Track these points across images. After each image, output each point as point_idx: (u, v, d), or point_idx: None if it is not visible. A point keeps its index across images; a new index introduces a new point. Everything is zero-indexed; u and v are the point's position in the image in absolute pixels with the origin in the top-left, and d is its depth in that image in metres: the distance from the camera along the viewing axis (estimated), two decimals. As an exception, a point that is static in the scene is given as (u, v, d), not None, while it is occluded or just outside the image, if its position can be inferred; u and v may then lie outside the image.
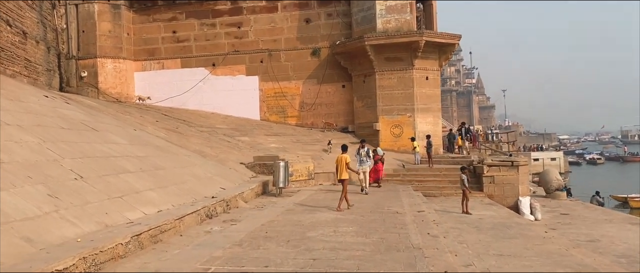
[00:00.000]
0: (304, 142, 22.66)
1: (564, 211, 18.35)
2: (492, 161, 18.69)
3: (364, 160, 15.01)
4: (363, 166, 14.92)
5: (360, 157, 14.99)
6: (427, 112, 23.36)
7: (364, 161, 15.01)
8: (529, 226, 11.87)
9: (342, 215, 10.47)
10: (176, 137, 17.82)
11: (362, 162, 14.98)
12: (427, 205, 14.09)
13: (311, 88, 25.48)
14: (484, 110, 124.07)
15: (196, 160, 14.43)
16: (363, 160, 14.99)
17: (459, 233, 10.77)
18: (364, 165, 14.97)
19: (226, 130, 22.02)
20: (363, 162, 14.98)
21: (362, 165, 14.91)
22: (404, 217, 10.43)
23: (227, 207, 10.96)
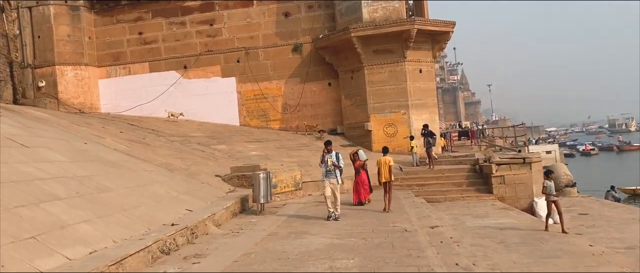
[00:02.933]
0: (289, 147, 20.40)
1: (582, 210, 16.35)
2: (500, 159, 16.60)
3: (331, 171, 10.44)
4: (330, 178, 10.45)
5: (326, 166, 10.46)
6: (423, 108, 21.26)
7: (331, 172, 10.44)
8: (567, 238, 9.74)
9: (338, 240, 8.23)
10: (140, 149, 15.45)
11: (329, 172, 10.45)
12: (437, 214, 12.00)
13: (294, 88, 23.24)
14: (470, 106, 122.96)
15: (159, 176, 12.09)
16: (330, 171, 10.43)
17: (485, 252, 8.60)
18: (331, 177, 10.46)
19: (201, 139, 19.67)
20: (330, 173, 10.46)
21: (328, 177, 10.47)
22: (417, 237, 8.23)
23: (193, 235, 8.65)
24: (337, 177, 10.41)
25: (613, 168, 47.46)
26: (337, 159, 10.47)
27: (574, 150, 64.70)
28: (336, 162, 10.41)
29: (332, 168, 10.35)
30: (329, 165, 10.37)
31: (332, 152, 10.52)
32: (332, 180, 10.39)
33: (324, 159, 10.43)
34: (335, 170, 10.37)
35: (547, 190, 10.42)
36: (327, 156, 10.45)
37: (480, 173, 16.95)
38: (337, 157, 10.49)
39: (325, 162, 10.42)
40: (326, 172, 10.44)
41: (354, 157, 12.85)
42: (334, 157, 10.44)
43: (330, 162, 10.37)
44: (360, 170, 12.63)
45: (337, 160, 10.45)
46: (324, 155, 10.52)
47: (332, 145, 10.72)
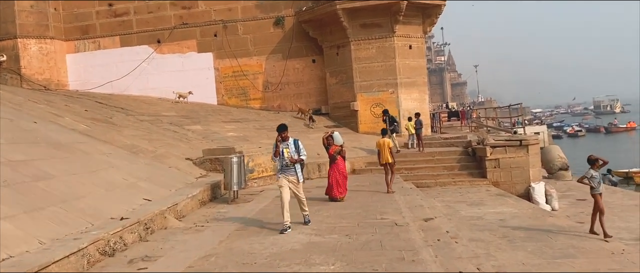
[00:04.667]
0: (270, 128, 19.01)
1: (579, 196, 15.38)
2: (495, 141, 15.48)
3: (287, 165, 7.68)
4: (288, 175, 7.70)
5: (282, 159, 7.66)
6: (412, 87, 20.01)
7: (289, 167, 7.68)
8: (577, 232, 8.63)
9: (318, 237, 7.00)
10: (103, 129, 14.01)
11: (286, 168, 7.69)
12: (429, 202, 10.85)
13: (276, 64, 21.79)
14: (456, 87, 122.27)
15: (118, 160, 10.72)
16: (287, 166, 7.68)
17: (487, 249, 7.46)
18: (289, 173, 7.70)
19: (174, 118, 18.24)
20: (287, 169, 7.69)
21: (285, 173, 7.69)
22: (409, 233, 7.03)
23: (147, 231, 7.36)
24: (297, 173, 7.67)
25: (602, 150, 46.91)
26: (297, 149, 7.66)
27: (561, 132, 64.17)
28: (296, 155, 7.62)
29: (289, 158, 7.58)
30: (285, 158, 7.58)
31: (289, 139, 7.69)
32: (291, 178, 7.66)
33: (278, 150, 7.59)
34: (296, 165, 7.68)
35: (592, 181, 8.20)
36: (282, 146, 7.60)
37: (473, 157, 15.86)
38: (296, 146, 7.67)
39: (281, 154, 7.59)
40: (282, 167, 7.65)
41: (327, 141, 10.51)
42: (292, 147, 7.62)
43: (287, 154, 7.58)
44: (336, 157, 10.42)
45: (296, 151, 7.64)
46: (277, 144, 7.60)
47: (287, 131, 7.68)
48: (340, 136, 10.79)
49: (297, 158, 7.62)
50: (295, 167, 7.66)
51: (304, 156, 7.76)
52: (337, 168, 10.25)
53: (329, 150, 10.49)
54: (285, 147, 7.61)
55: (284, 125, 7.74)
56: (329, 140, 10.49)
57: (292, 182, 7.70)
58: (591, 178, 8.20)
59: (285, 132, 7.64)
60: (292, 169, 7.66)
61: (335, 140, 10.58)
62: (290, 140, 7.70)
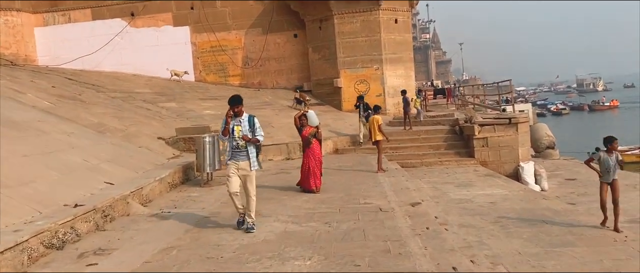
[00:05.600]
0: (250, 106, 18.19)
1: (568, 175, 15.01)
2: (483, 119, 14.91)
3: (237, 147, 6.11)
4: (238, 161, 6.13)
5: (232, 139, 6.11)
6: (398, 63, 19.31)
7: (240, 149, 6.11)
8: (574, 216, 8.10)
9: (295, 225, 6.34)
10: (69, 106, 13.12)
11: (238, 151, 6.12)
12: (415, 184, 10.27)
13: (256, 39, 20.87)
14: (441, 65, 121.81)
15: (81, 140, 9.90)
16: (239, 148, 6.11)
17: (479, 236, 6.89)
18: (240, 158, 6.12)
19: (148, 95, 17.33)
20: (239, 153, 6.12)
21: (236, 158, 6.13)
22: (395, 220, 6.41)
23: (105, 219, 6.63)
24: (250, 159, 6.09)
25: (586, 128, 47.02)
26: (252, 127, 6.07)
27: (545, 110, 64.19)
28: (249, 133, 6.05)
29: (243, 143, 6.05)
30: (236, 137, 6.04)
31: (243, 115, 6.12)
32: (242, 164, 6.08)
33: (228, 127, 6.05)
34: (248, 146, 6.09)
35: (602, 166, 7.16)
36: (234, 122, 6.07)
37: (460, 135, 15.30)
38: (251, 123, 6.09)
39: (231, 132, 6.05)
40: (232, 150, 6.13)
41: (301, 121, 8.82)
42: (246, 125, 6.06)
43: (239, 132, 6.04)
44: (310, 140, 8.73)
45: (251, 129, 6.06)
46: (227, 120, 6.03)
47: (241, 104, 6.09)
48: (315, 116, 9.08)
49: (252, 138, 6.06)
50: (247, 150, 6.05)
51: (260, 136, 6.13)
52: (312, 154, 8.63)
53: (302, 131, 8.81)
54: (237, 124, 6.05)
55: (238, 97, 6.10)
56: (302, 120, 8.79)
57: (243, 169, 6.09)
58: (604, 162, 7.12)
59: (239, 106, 6.04)
60: (244, 153, 6.07)
61: (310, 120, 8.85)
62: (244, 116, 6.10)
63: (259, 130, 6.16)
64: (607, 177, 7.20)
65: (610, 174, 7.18)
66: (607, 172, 7.17)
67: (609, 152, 7.16)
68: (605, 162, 7.13)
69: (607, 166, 7.13)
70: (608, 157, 7.14)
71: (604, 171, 7.17)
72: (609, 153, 7.15)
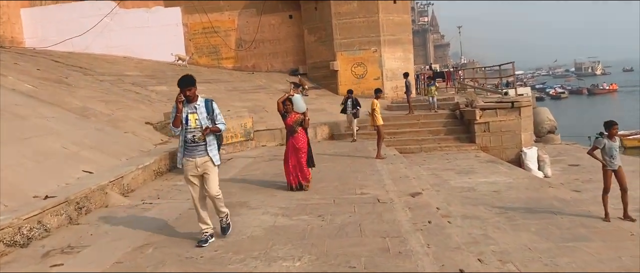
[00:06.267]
0: (243, 89, 17.72)
1: (571, 161, 14.55)
2: (485, 103, 14.39)
3: (193, 140, 4.87)
4: (196, 157, 4.88)
5: (186, 130, 4.84)
6: (396, 45, 18.71)
7: (197, 142, 4.87)
8: (585, 206, 7.60)
9: (285, 218, 5.84)
10: (53, 90, 12.55)
11: (194, 144, 4.87)
12: (414, 171, 9.81)
13: (250, 20, 20.22)
14: (439, 48, 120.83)
15: (61, 125, 9.36)
16: (195, 141, 4.87)
17: (484, 229, 6.41)
18: (197, 153, 4.88)
19: (137, 78, 16.73)
20: (192, 147, 4.89)
21: (192, 154, 4.88)
22: (394, 213, 5.92)
23: (80, 211, 6.11)
24: (209, 153, 4.89)
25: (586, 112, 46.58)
26: (210, 114, 4.91)
27: (543, 94, 63.66)
28: (208, 121, 4.88)
29: (200, 134, 4.83)
30: (191, 127, 4.82)
31: (198, 99, 4.89)
32: (200, 160, 4.87)
33: (180, 116, 4.79)
34: (207, 137, 4.87)
35: (606, 152, 6.76)
36: (187, 109, 4.83)
37: (460, 120, 14.79)
38: (209, 109, 4.90)
39: (184, 121, 4.81)
40: (185, 143, 4.89)
41: (285, 106, 7.46)
42: (203, 111, 4.87)
43: (195, 122, 4.82)
44: (295, 129, 7.45)
45: (209, 116, 4.89)
46: (178, 107, 4.76)
47: (195, 86, 4.83)
48: (302, 100, 8.04)
49: (212, 127, 4.85)
50: (206, 144, 4.84)
51: (221, 124, 4.93)
52: (296, 145, 7.41)
53: (286, 118, 7.47)
54: (192, 112, 4.81)
55: (190, 78, 4.77)
56: (286, 105, 7.47)
57: (203, 167, 4.86)
58: (607, 148, 6.73)
59: (192, 88, 4.75)
60: (202, 147, 4.83)
61: (296, 105, 7.80)
62: (199, 101, 4.86)
63: (220, 117, 4.96)
64: (612, 163, 6.79)
65: (614, 161, 6.79)
66: (612, 159, 6.78)
67: (610, 137, 6.79)
68: (610, 148, 6.76)
69: (611, 152, 6.77)
70: (611, 142, 6.78)
71: (608, 158, 6.78)
72: (611, 139, 6.79)
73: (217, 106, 5.01)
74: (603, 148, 6.79)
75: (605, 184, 6.91)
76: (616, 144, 6.80)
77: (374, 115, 10.77)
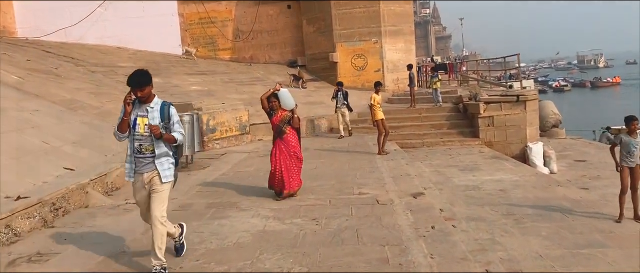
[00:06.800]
0: (239, 81, 17.24)
1: (577, 156, 14.11)
2: (489, 96, 13.92)
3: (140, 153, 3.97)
4: (144, 170, 3.99)
5: (135, 136, 3.95)
6: (398, 36, 18.19)
7: (140, 152, 3.97)
8: (597, 207, 7.16)
9: (277, 222, 5.40)
10: (41, 81, 12.08)
11: (139, 155, 3.97)
12: (416, 168, 9.37)
13: (247, 10, 19.69)
14: (441, 40, 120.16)
15: (45, 119, 8.91)
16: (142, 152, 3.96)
17: (490, 233, 5.95)
18: (145, 167, 3.98)
19: (130, 70, 15.85)
20: (140, 159, 3.98)
21: (139, 166, 4.00)
22: (394, 216, 5.48)
23: (57, 213, 5.68)
24: (157, 169, 3.97)
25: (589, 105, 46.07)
26: (165, 120, 3.99)
27: (546, 86, 63.02)
28: (161, 128, 3.92)
29: (148, 144, 3.95)
30: (139, 133, 3.94)
31: (153, 100, 4.03)
32: (147, 176, 3.99)
33: (127, 120, 3.93)
34: (157, 146, 3.95)
35: (624, 148, 6.33)
36: (137, 112, 3.97)
37: (464, 114, 14.34)
38: (164, 114, 3.99)
39: (132, 126, 3.96)
40: (132, 153, 4.01)
41: (270, 103, 6.47)
42: (156, 115, 3.96)
43: (144, 127, 3.92)
44: (283, 129, 6.46)
45: (164, 124, 3.98)
46: (126, 109, 3.91)
47: (150, 84, 3.97)
48: (290, 95, 6.61)
49: (166, 134, 3.90)
50: (155, 155, 3.92)
51: (178, 134, 3.97)
52: (284, 147, 6.44)
53: (272, 116, 6.51)
54: (142, 115, 3.91)
55: (143, 75, 3.90)
56: (272, 102, 6.45)
57: (150, 186, 3.97)
58: (621, 145, 6.35)
59: (145, 87, 3.88)
60: (150, 159, 3.93)
61: (283, 101, 6.49)
62: (154, 103, 3.97)
63: (178, 126, 3.98)
64: (630, 160, 6.36)
65: (633, 158, 6.35)
66: (630, 155, 6.35)
67: (631, 133, 6.36)
68: (627, 144, 6.33)
69: (629, 149, 6.34)
70: (631, 138, 6.34)
71: (626, 154, 6.36)
72: (631, 135, 6.36)
73: (175, 112, 4.02)
74: (621, 144, 6.40)
75: (623, 184, 6.46)
76: (636, 140, 6.32)
77: (372, 110, 10.31)
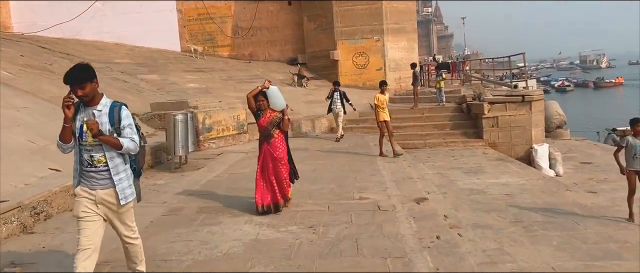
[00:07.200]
0: (238, 79, 16.90)
1: (583, 158, 13.76)
2: (493, 96, 13.57)
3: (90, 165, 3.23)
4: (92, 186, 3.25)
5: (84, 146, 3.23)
6: (400, 34, 17.85)
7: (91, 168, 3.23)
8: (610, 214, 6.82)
9: (271, 230, 5.06)
10: (32, 78, 11.77)
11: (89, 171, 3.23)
12: (418, 171, 9.02)
13: (247, 7, 19.35)
14: (443, 39, 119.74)
15: (33, 117, 8.58)
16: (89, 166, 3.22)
17: (498, 242, 5.61)
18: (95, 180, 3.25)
19: (127, 66, 15.92)
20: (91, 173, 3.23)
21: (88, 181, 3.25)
22: (396, 224, 5.14)
23: (38, 217, 5.36)
24: (115, 187, 3.26)
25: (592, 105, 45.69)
26: (115, 123, 3.23)
27: (548, 86, 62.57)
28: (114, 132, 3.22)
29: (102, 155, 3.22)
30: (86, 142, 3.19)
31: (101, 102, 3.25)
32: (103, 193, 3.26)
33: (69, 126, 3.17)
34: (109, 156, 3.22)
35: (630, 151, 6.20)
36: (82, 115, 3.22)
37: (467, 114, 14.00)
38: (113, 117, 3.23)
39: (77, 134, 3.22)
40: (80, 164, 3.29)
41: (258, 102, 5.66)
42: (105, 120, 3.21)
43: (91, 128, 3.10)
44: (271, 132, 5.68)
45: (114, 128, 3.23)
46: (66, 113, 3.14)
47: (94, 80, 3.19)
48: (280, 93, 5.77)
49: (107, 137, 3.16)
50: (109, 169, 3.23)
51: (128, 141, 3.21)
52: (269, 154, 5.65)
53: (259, 118, 5.69)
54: (88, 119, 3.17)
55: (82, 69, 3.16)
56: (259, 101, 5.64)
57: (106, 203, 3.27)
58: (627, 148, 6.21)
59: (86, 85, 3.14)
60: (104, 173, 3.23)
61: (272, 101, 5.66)
62: (102, 105, 3.24)
63: (130, 130, 3.24)
64: (635, 163, 6.21)
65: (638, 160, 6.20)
66: (636, 159, 6.19)
67: (636, 135, 6.21)
68: (633, 147, 6.18)
69: (635, 152, 6.18)
70: (637, 141, 6.18)
71: (632, 157, 6.22)
72: (637, 137, 6.20)
73: (128, 115, 3.28)
74: (626, 147, 6.25)
75: (630, 186, 6.35)
76: None
77: (376, 110, 9.93)
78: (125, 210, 3.38)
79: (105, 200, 3.27)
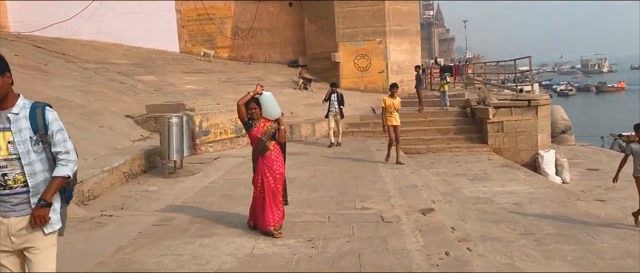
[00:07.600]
0: (237, 81, 16.58)
1: (589, 164, 13.43)
2: (498, 101, 13.25)
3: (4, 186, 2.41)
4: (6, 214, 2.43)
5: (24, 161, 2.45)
6: (403, 36, 17.53)
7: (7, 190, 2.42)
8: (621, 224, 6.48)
9: (268, 244, 4.71)
10: (25, 78, 11.43)
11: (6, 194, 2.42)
12: (423, 178, 8.70)
13: (247, 7, 19.05)
14: (444, 42, 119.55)
15: (21, 118, 8.22)
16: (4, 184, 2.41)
17: (509, 257, 5.28)
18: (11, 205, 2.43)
19: (124, 67, 15.60)
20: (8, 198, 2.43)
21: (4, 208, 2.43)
22: (401, 238, 4.81)
23: (17, 227, 4.98)
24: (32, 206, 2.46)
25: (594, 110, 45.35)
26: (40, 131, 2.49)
27: (550, 91, 62.19)
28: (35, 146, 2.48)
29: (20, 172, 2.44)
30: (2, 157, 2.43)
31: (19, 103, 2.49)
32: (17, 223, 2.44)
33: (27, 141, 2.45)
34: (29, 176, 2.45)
35: (635, 158, 6.06)
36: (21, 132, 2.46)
37: (472, 118, 13.69)
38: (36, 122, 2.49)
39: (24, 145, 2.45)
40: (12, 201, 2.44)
41: (250, 111, 4.89)
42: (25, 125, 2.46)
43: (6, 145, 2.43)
44: (266, 144, 4.93)
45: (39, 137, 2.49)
46: None
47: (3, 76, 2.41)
48: (274, 100, 5.05)
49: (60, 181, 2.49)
50: (29, 190, 2.47)
51: (65, 166, 2.51)
52: (267, 169, 4.92)
53: (251, 129, 4.94)
54: (4, 130, 2.44)
55: None
56: (251, 109, 4.88)
57: (24, 239, 2.47)
58: (633, 154, 6.08)
59: None
60: (23, 196, 2.46)
61: (265, 108, 4.95)
62: (19, 107, 2.48)
63: (61, 136, 2.54)
64: None
65: None
66: None
67: None
68: (638, 154, 6.08)
69: None
70: None
71: (637, 164, 6.09)
72: None
73: (56, 117, 2.56)
74: (632, 154, 6.14)
75: None
76: None
77: (383, 115, 9.61)
78: (49, 246, 2.51)
79: (22, 231, 2.43)
